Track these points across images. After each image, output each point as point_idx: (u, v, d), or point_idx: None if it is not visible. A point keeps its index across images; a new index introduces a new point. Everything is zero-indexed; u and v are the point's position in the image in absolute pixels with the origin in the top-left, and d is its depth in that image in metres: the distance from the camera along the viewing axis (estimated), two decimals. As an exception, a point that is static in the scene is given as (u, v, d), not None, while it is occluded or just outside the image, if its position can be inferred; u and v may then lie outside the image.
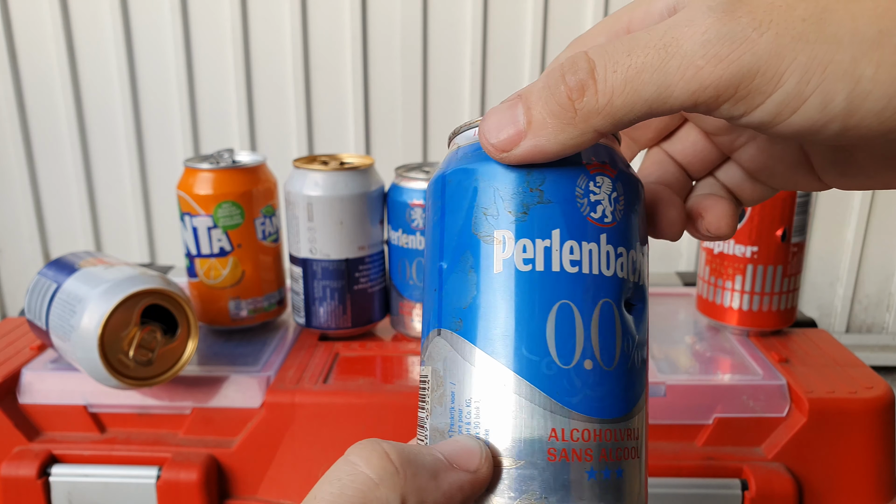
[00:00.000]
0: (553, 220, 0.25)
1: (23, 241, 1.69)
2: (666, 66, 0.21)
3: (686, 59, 0.21)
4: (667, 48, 0.21)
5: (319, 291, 0.64)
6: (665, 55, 0.21)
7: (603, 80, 0.22)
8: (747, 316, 0.64)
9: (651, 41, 0.22)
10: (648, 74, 0.22)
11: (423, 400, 0.27)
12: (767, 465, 0.54)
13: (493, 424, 0.25)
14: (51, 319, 0.55)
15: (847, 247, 1.73)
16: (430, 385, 0.27)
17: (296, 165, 0.63)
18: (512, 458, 0.25)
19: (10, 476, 0.55)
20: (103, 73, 1.58)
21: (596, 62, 0.23)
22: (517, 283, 0.25)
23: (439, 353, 0.26)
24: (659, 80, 0.22)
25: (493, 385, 0.25)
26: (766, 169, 0.30)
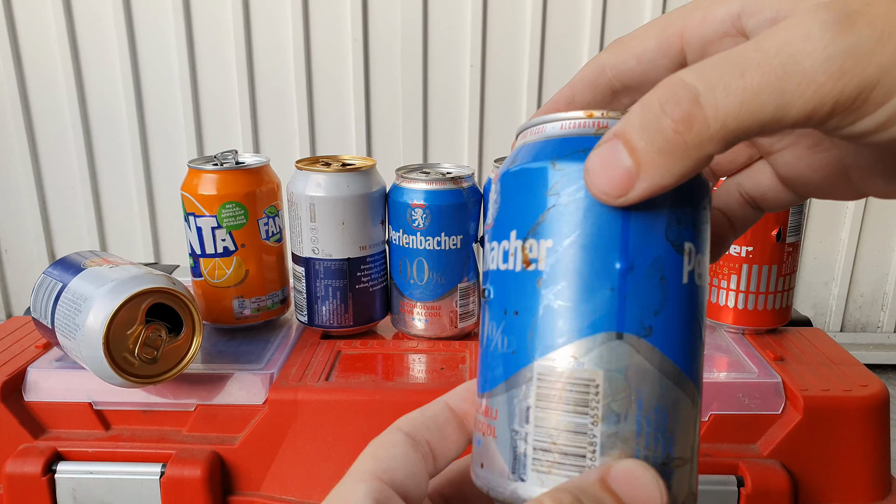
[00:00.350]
0: (707, 236, 0.26)
1: (28, 240, 1.70)
2: (785, 84, 0.21)
3: (807, 77, 0.20)
4: (784, 66, 0.21)
5: (322, 290, 0.65)
6: (783, 73, 0.21)
7: (713, 105, 0.21)
8: (743, 315, 0.65)
9: (765, 59, 0.21)
10: (766, 95, 0.21)
11: (587, 405, 0.24)
12: (763, 461, 0.55)
13: (678, 433, 0.25)
14: (56, 318, 0.55)
15: (842, 246, 1.74)
16: (604, 390, 0.24)
17: (298, 167, 0.64)
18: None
19: (15, 473, 0.56)
20: (107, 75, 1.59)
21: (699, 88, 0.22)
22: (699, 298, 0.26)
23: (620, 358, 0.24)
24: (777, 100, 0.21)
25: (681, 397, 0.25)
26: (802, 177, 0.29)
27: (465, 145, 1.65)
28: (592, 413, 0.24)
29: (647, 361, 0.25)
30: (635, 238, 0.25)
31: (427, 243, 0.62)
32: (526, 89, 1.60)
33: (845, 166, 0.28)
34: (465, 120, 1.63)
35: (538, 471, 0.25)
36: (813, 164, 0.28)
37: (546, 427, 0.25)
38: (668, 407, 0.25)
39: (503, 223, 0.27)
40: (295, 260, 0.66)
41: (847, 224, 1.71)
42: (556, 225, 0.25)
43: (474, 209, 0.64)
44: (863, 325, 1.81)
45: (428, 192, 0.62)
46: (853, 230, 1.70)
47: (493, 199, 0.28)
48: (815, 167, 0.28)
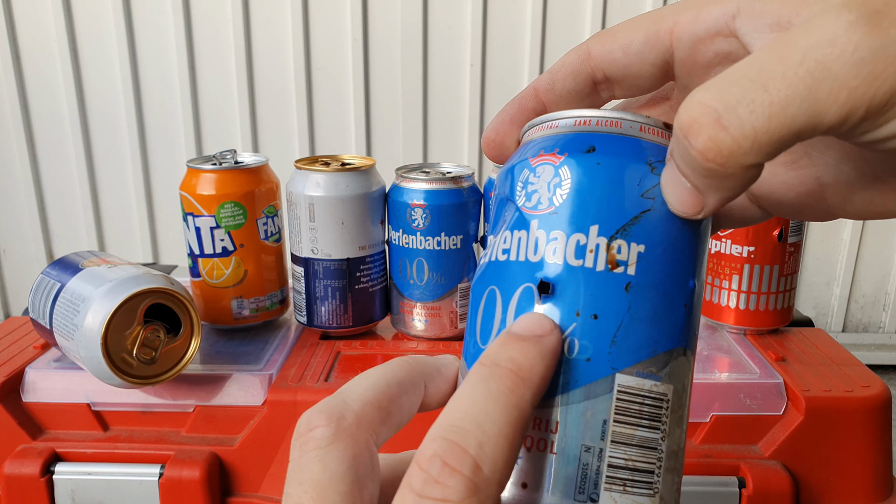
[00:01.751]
0: None
1: (26, 240, 1.70)
2: (815, 93, 0.20)
3: (838, 82, 0.20)
4: (812, 74, 0.20)
5: (321, 291, 0.64)
6: (812, 81, 0.20)
7: (739, 125, 0.21)
8: (744, 315, 0.64)
9: (789, 69, 0.20)
10: (796, 106, 0.20)
11: (659, 420, 0.24)
12: (764, 462, 0.55)
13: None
14: (54, 318, 0.55)
15: (843, 247, 1.74)
16: (672, 405, 0.24)
17: (297, 166, 0.63)
18: None
19: (13, 474, 0.55)
20: (107, 75, 1.59)
21: (719, 109, 0.21)
22: None
23: (685, 374, 0.25)
24: (809, 108, 0.20)
25: None
26: (775, 195, 0.28)
27: (464, 145, 1.65)
28: (663, 428, 0.24)
29: (691, 373, 0.25)
30: (701, 259, 0.25)
31: (427, 243, 0.62)
32: (526, 89, 1.60)
33: (822, 185, 0.27)
34: (465, 120, 1.63)
35: (612, 490, 0.23)
36: (789, 182, 0.28)
37: (623, 443, 0.23)
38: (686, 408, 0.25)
39: (577, 214, 0.24)
40: (294, 260, 0.66)
41: (849, 224, 1.71)
42: (650, 230, 0.24)
43: (474, 209, 0.63)
44: (864, 325, 1.81)
45: (428, 192, 0.61)
46: (855, 230, 1.70)
47: (552, 182, 0.25)
48: (791, 185, 0.28)
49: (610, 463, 0.23)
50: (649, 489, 0.23)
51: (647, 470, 0.23)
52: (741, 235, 0.62)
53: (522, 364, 0.22)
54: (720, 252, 0.64)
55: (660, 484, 0.24)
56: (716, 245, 0.64)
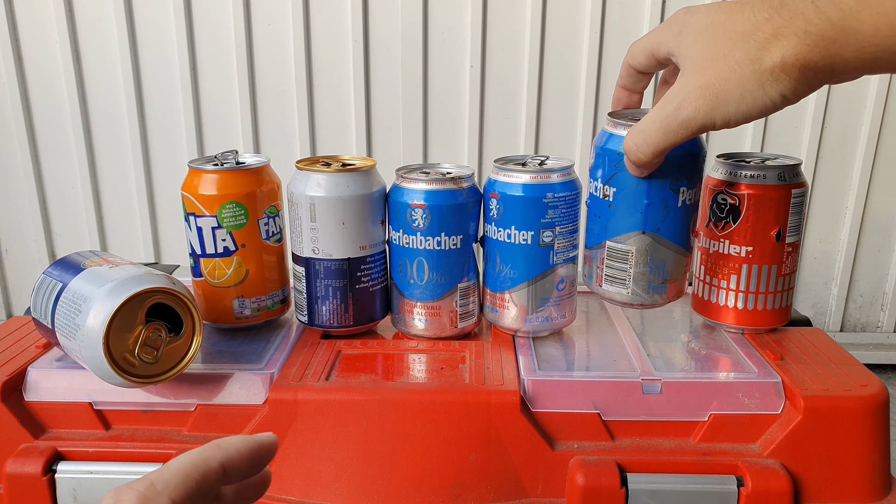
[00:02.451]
0: (698, 176, 0.61)
1: (28, 240, 1.71)
2: (667, 136, 0.50)
3: (672, 131, 0.50)
4: (665, 128, 0.51)
5: (322, 290, 0.65)
6: (665, 131, 0.50)
7: (644, 151, 0.53)
8: (742, 315, 0.65)
9: (654, 127, 0.51)
10: (661, 140, 0.51)
11: (626, 261, 0.59)
12: (763, 461, 0.55)
13: (672, 270, 0.60)
14: (56, 318, 0.55)
15: (841, 247, 1.74)
16: (634, 256, 0.59)
17: (298, 167, 0.64)
18: None
19: (15, 473, 0.56)
20: (108, 75, 1.59)
21: (637, 145, 0.53)
22: (690, 212, 0.60)
23: (642, 242, 0.58)
24: (667, 141, 0.51)
25: (675, 255, 0.60)
26: None
27: (464, 146, 1.65)
28: (629, 264, 0.59)
29: (657, 242, 0.59)
30: (653, 189, 0.57)
31: (427, 243, 0.62)
32: (526, 90, 1.60)
33: None
34: (465, 120, 1.63)
35: (606, 282, 0.61)
36: None
37: (611, 266, 0.60)
38: (667, 259, 0.60)
39: (596, 171, 0.60)
40: (295, 260, 0.66)
41: (847, 224, 1.71)
42: (619, 180, 0.58)
43: (474, 209, 0.64)
44: (862, 325, 1.81)
45: (428, 193, 0.61)
46: (853, 230, 1.70)
47: (592, 156, 0.60)
48: None
49: (605, 273, 0.61)
50: (623, 285, 0.60)
51: (622, 278, 0.60)
52: (740, 236, 0.63)
53: None
54: (718, 252, 0.64)
55: (630, 283, 0.60)
56: (714, 245, 0.65)
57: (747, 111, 0.46)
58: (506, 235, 0.61)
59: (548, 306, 0.63)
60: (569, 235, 0.61)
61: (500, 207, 0.61)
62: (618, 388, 0.57)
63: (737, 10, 0.45)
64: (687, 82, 0.47)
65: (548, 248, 0.61)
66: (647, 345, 0.64)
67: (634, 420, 0.57)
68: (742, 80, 0.45)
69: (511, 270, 0.62)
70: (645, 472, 0.55)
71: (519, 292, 0.62)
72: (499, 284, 0.63)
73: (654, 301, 0.62)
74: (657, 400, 0.57)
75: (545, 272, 0.61)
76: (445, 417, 0.56)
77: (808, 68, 0.43)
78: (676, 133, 0.49)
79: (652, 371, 0.59)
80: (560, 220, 0.60)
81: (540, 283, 0.62)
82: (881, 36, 0.40)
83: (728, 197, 0.62)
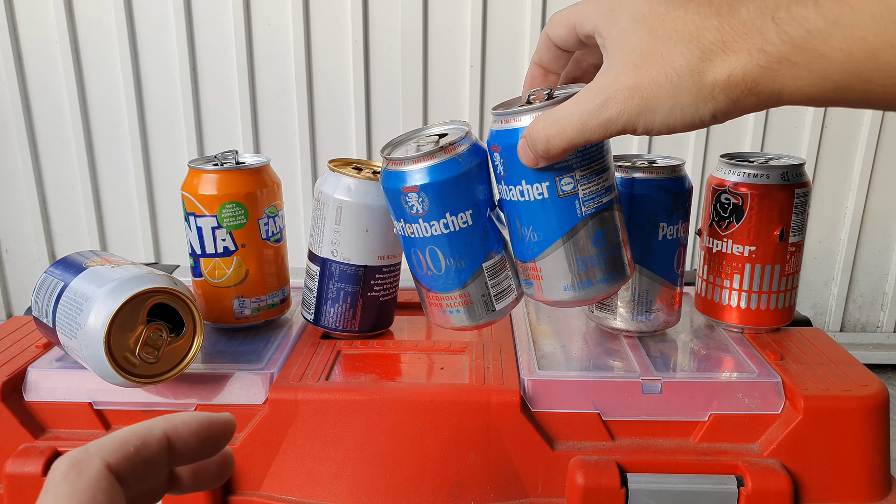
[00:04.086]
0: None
1: (29, 240, 1.71)
2: (583, 132, 0.44)
3: (590, 130, 0.44)
4: (583, 125, 0.44)
5: (333, 292, 0.64)
6: (582, 128, 0.44)
7: (555, 145, 0.46)
8: (745, 314, 0.65)
9: (573, 121, 0.44)
10: (576, 136, 0.45)
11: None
12: (763, 461, 0.55)
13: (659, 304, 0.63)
14: (57, 318, 0.55)
15: (841, 247, 1.74)
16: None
17: (330, 167, 0.63)
18: None
19: (15, 473, 0.56)
20: (108, 75, 1.59)
21: (548, 135, 0.46)
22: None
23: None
24: (582, 137, 0.45)
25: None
26: None
27: (465, 146, 1.65)
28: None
29: (639, 273, 0.62)
30: (632, 223, 0.59)
31: (432, 229, 0.53)
32: (526, 90, 1.60)
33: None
34: (465, 120, 1.63)
35: (595, 308, 0.66)
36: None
37: None
38: (650, 290, 0.64)
39: None
40: (311, 258, 0.65)
41: (847, 224, 1.71)
42: None
43: (479, 172, 0.54)
44: (862, 324, 1.81)
45: (418, 172, 0.52)
46: (853, 230, 1.70)
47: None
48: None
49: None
50: (611, 312, 0.64)
51: (608, 305, 0.65)
52: (743, 235, 0.63)
53: None
54: (721, 251, 0.64)
55: (616, 309, 0.63)
56: (717, 245, 0.65)
57: (672, 124, 0.41)
58: (518, 193, 0.51)
59: (591, 268, 0.52)
60: (594, 177, 0.50)
61: (504, 162, 0.50)
62: (618, 388, 0.57)
63: (679, 4, 0.40)
64: (616, 78, 0.42)
65: (571, 197, 0.50)
66: (647, 345, 0.64)
67: (634, 420, 0.57)
68: (677, 91, 0.40)
69: (534, 233, 0.51)
70: (645, 472, 0.55)
71: (550, 257, 0.52)
72: (526, 252, 0.53)
73: (638, 328, 0.64)
74: (657, 400, 0.57)
75: (574, 227, 0.50)
76: (445, 417, 0.56)
77: (751, 91, 0.39)
78: (594, 132, 0.43)
79: (652, 371, 0.59)
80: (579, 162, 0.49)
81: (572, 241, 0.51)
82: (854, 62, 0.35)
83: (731, 196, 0.62)
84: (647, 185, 0.59)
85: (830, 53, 0.35)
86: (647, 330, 0.64)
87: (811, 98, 0.38)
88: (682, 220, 0.61)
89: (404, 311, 0.75)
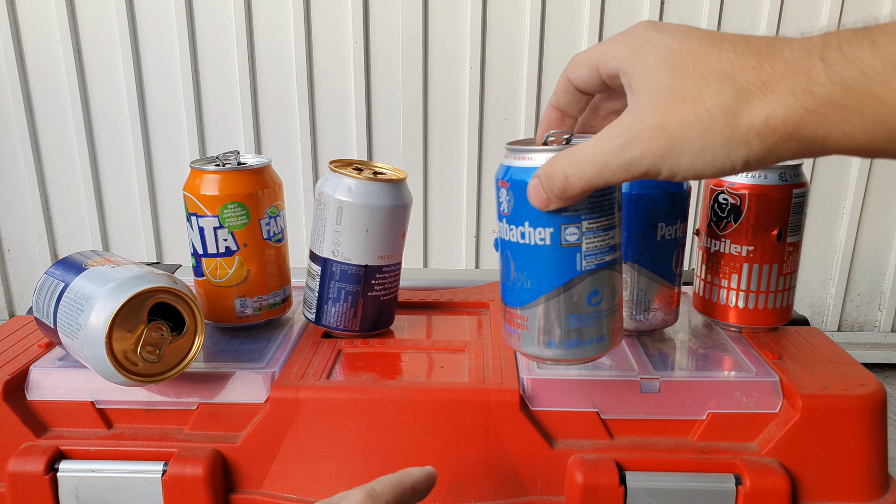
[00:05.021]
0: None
1: (30, 240, 1.71)
2: (602, 173, 0.41)
3: (611, 171, 0.41)
4: (603, 165, 0.41)
5: (334, 292, 0.65)
6: (603, 169, 0.41)
7: (573, 185, 0.42)
8: (743, 314, 0.65)
9: (592, 161, 0.41)
10: (595, 177, 0.41)
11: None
12: (761, 460, 0.55)
13: (657, 303, 0.64)
14: (59, 318, 0.56)
15: (839, 246, 1.74)
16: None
17: (331, 167, 0.64)
18: None
19: (17, 471, 0.56)
20: (111, 76, 1.60)
21: (567, 174, 0.42)
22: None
23: (625, 271, 0.61)
24: (602, 179, 0.41)
25: None
26: None
27: (464, 147, 1.65)
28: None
29: (638, 272, 0.62)
30: (631, 223, 0.59)
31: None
32: (525, 90, 1.61)
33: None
34: (465, 122, 1.63)
35: None
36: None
37: None
38: (649, 289, 0.63)
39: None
40: (312, 258, 0.66)
41: (844, 224, 1.71)
42: None
43: None
44: (860, 324, 1.81)
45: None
46: (850, 230, 1.70)
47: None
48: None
49: None
50: None
51: None
52: (741, 235, 0.63)
53: None
54: (719, 251, 0.64)
55: None
56: (715, 244, 0.65)
57: (701, 169, 0.37)
58: (519, 234, 0.47)
59: (581, 326, 0.48)
60: (601, 233, 0.47)
61: (510, 199, 0.47)
62: (616, 387, 0.58)
63: (712, 43, 0.37)
64: (641, 117, 0.38)
65: (573, 249, 0.47)
66: (645, 344, 0.64)
67: (633, 419, 0.57)
68: (708, 132, 0.36)
69: (528, 280, 0.48)
70: (643, 470, 0.55)
71: (540, 307, 0.48)
72: (515, 298, 0.49)
73: (637, 328, 0.64)
74: (656, 399, 0.57)
75: (571, 281, 0.47)
76: (445, 416, 0.56)
77: (791, 136, 0.35)
78: (614, 174, 0.40)
79: (650, 370, 0.59)
80: (589, 213, 0.46)
81: (566, 295, 0.47)
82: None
83: (729, 196, 0.63)
84: (646, 185, 0.60)
85: (888, 97, 0.32)
86: (645, 329, 0.64)
87: (860, 147, 0.34)
88: (680, 220, 0.62)
89: (405, 310, 0.75)
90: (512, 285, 0.49)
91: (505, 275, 0.50)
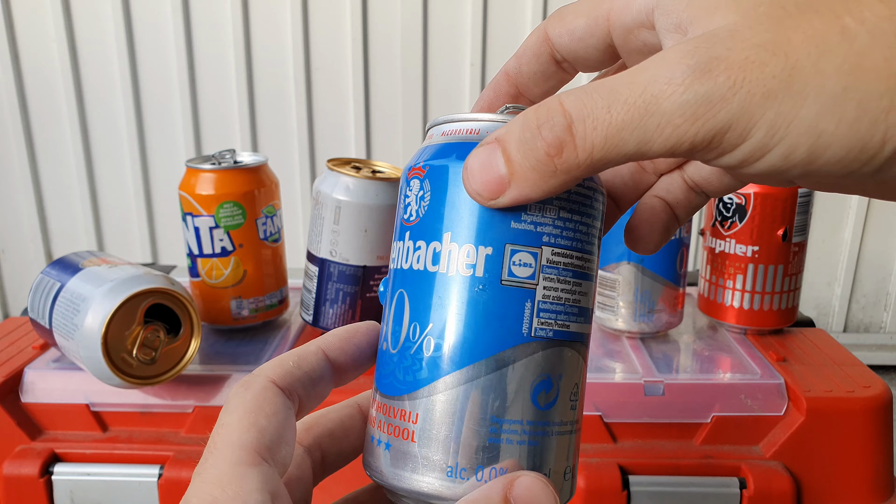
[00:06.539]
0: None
1: (25, 240, 1.70)
2: (645, 123, 0.22)
3: (665, 118, 0.21)
4: (647, 106, 0.22)
5: (332, 293, 0.64)
6: (644, 113, 0.22)
7: (582, 137, 0.22)
8: (748, 315, 0.64)
9: (631, 97, 0.22)
10: (629, 132, 0.22)
11: (613, 290, 0.58)
12: (765, 463, 0.55)
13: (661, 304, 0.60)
14: (54, 318, 0.55)
15: (844, 247, 1.74)
16: (621, 287, 0.55)
17: (329, 166, 0.63)
18: None
19: (12, 475, 0.55)
20: (106, 74, 1.59)
21: (574, 117, 0.22)
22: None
23: (630, 272, 0.61)
24: (639, 136, 0.22)
25: None
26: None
27: (464, 145, 1.65)
28: (616, 292, 0.63)
29: (642, 273, 0.61)
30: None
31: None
32: (525, 89, 1.60)
33: None
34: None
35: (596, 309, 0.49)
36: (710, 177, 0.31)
37: (599, 294, 0.56)
38: (652, 290, 0.63)
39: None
40: (310, 258, 0.65)
41: (850, 224, 1.71)
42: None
43: None
44: (866, 325, 1.81)
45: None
46: (856, 230, 1.70)
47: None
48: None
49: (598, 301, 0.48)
50: (612, 312, 0.56)
51: (610, 305, 0.57)
52: (745, 235, 0.62)
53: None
54: (724, 252, 0.64)
55: (618, 310, 0.58)
56: (720, 245, 0.64)
57: (826, 140, 0.20)
58: (429, 257, 0.26)
59: (511, 443, 0.25)
60: (571, 278, 0.26)
61: (424, 195, 0.27)
62: (620, 390, 0.57)
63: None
64: (730, 34, 0.21)
65: (521, 291, 0.25)
66: (649, 346, 0.64)
67: (636, 422, 0.57)
68: (863, 62, 0.20)
69: (430, 342, 0.26)
70: (647, 474, 0.54)
71: (444, 396, 0.25)
72: (400, 377, 0.27)
73: (640, 330, 0.63)
74: (659, 402, 0.57)
75: (509, 352, 0.25)
76: (446, 419, 0.56)
77: None
78: (664, 128, 0.22)
79: (654, 372, 0.58)
80: (558, 232, 0.26)
81: (496, 377, 0.25)
82: None
83: (734, 196, 0.62)
84: None
85: None
86: (649, 331, 0.63)
87: None
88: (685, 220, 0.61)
89: (404, 311, 0.74)
90: (399, 354, 0.27)
91: (390, 335, 0.27)
